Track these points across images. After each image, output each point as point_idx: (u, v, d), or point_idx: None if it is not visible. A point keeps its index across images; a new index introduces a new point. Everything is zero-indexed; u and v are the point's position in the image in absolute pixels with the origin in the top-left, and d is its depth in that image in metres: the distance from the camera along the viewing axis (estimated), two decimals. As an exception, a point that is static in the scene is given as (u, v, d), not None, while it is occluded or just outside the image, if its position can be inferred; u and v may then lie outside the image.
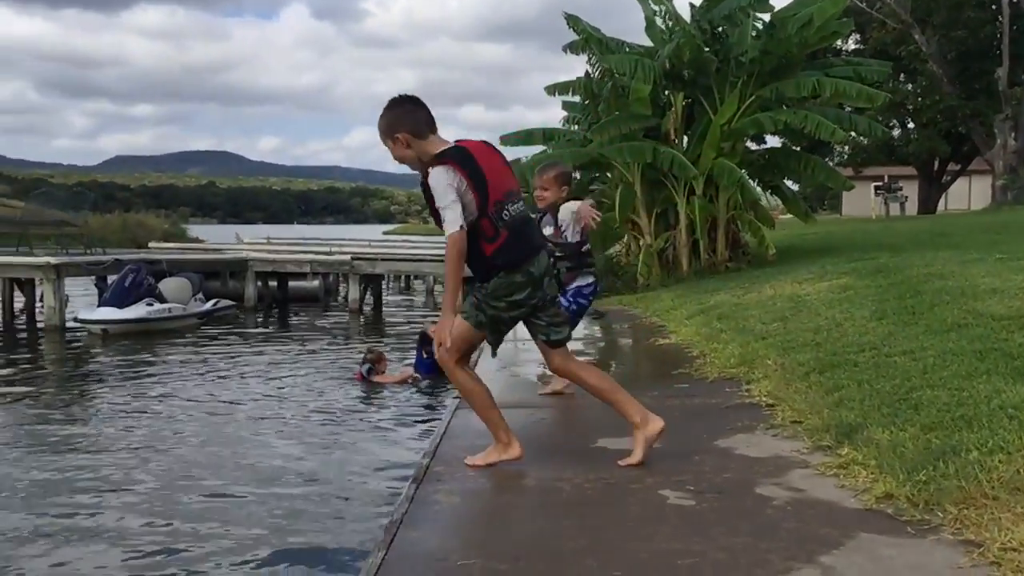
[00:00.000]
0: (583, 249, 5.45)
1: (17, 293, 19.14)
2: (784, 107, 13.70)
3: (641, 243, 14.43)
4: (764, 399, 5.30)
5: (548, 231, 5.34)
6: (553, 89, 14.96)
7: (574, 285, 5.45)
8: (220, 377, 11.30)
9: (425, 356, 11.05)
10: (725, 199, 13.98)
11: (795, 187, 17.54)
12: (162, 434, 8.04)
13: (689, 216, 13.88)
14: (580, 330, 10.24)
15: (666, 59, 13.10)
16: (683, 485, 3.79)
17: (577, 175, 15.30)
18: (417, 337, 11.70)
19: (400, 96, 3.80)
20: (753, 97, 13.82)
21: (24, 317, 18.50)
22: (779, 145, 16.18)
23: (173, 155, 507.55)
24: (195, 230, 48.97)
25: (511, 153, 14.95)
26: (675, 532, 3.25)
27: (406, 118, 3.68)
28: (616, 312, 11.34)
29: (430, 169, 3.61)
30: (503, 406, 5.59)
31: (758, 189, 14.97)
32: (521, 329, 4.17)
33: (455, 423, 5.22)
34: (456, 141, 3.75)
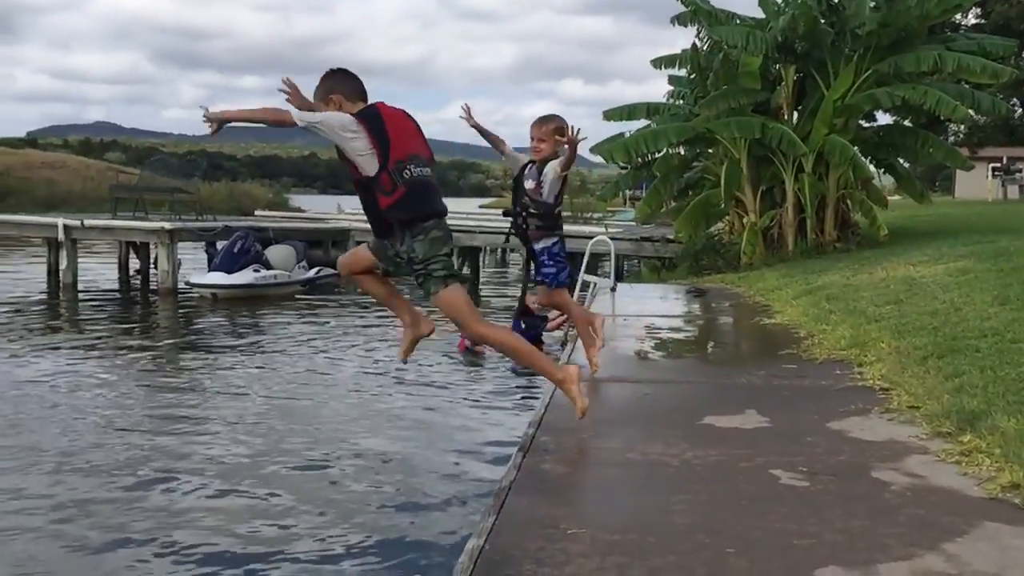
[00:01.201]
0: (556, 211, 5.39)
1: (133, 257, 20.02)
2: (902, 82, 13.14)
3: (745, 221, 14.11)
4: (878, 383, 5.15)
5: (529, 184, 5.30)
6: (659, 62, 14.71)
7: (540, 246, 5.38)
8: (320, 344, 11.57)
9: (524, 327, 11.08)
10: (835, 177, 13.54)
11: (907, 167, 16.84)
12: (261, 400, 8.25)
13: (797, 194, 13.50)
14: (680, 307, 10.16)
15: (780, 31, 12.70)
16: (795, 466, 3.71)
17: (680, 150, 15.06)
18: (516, 307, 11.73)
19: (337, 68, 4.13)
20: (869, 71, 13.30)
21: (139, 279, 19.33)
22: (890, 122, 15.55)
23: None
24: (296, 200, 50.12)
25: (614, 128, 14.78)
26: (789, 512, 3.19)
27: (343, 83, 3.98)
28: (717, 290, 11.16)
29: None
30: (601, 380, 5.59)
31: (871, 167, 14.43)
32: (620, 303, 4.14)
33: (559, 395, 5.21)
34: (376, 103, 3.98)
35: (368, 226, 4.16)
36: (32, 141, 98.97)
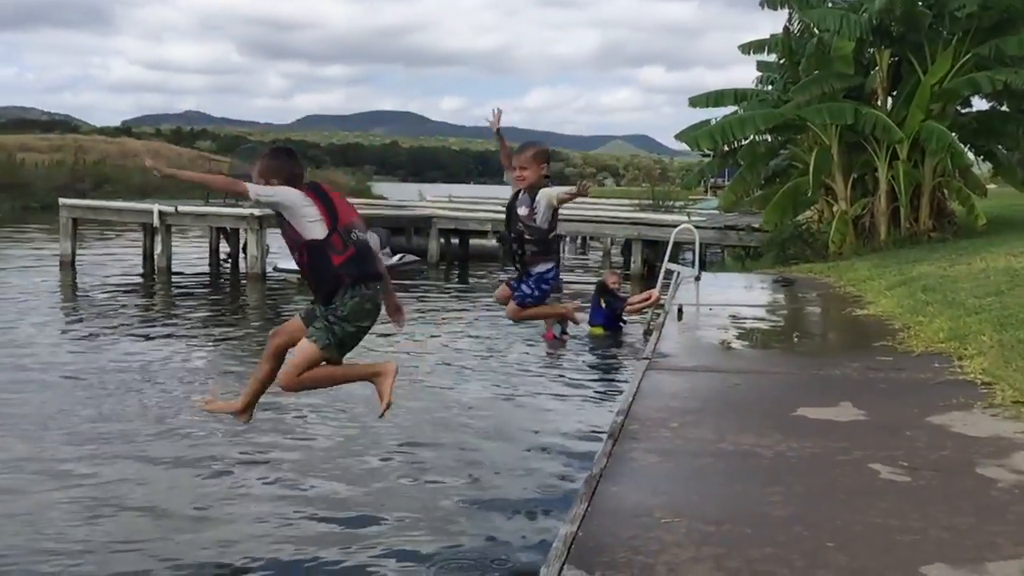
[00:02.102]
0: (551, 236, 5.32)
1: (223, 242, 20.59)
2: (1003, 66, 12.62)
3: (835, 209, 13.76)
4: (979, 376, 4.97)
5: (523, 211, 5.22)
6: (747, 48, 14.44)
7: (536, 270, 5.33)
8: (404, 329, 11.70)
9: (603, 305, 11.03)
10: (932, 165, 13.10)
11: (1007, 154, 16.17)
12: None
13: (890, 182, 13.11)
14: (767, 297, 9.96)
15: (875, 14, 12.31)
16: (895, 460, 3.61)
17: (767, 137, 14.76)
18: (595, 286, 11.68)
19: (282, 148, 4.63)
20: (969, 55, 12.81)
21: (229, 264, 19.89)
22: (988, 108, 14.95)
23: (360, 115, 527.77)
24: (378, 187, 50.76)
25: (700, 115, 14.56)
26: (891, 508, 3.10)
27: (283, 169, 4.27)
28: (805, 280, 10.91)
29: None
30: (688, 369, 5.54)
31: (969, 155, 13.91)
32: (704, 292, 4.07)
33: (645, 384, 5.18)
34: (315, 182, 4.39)
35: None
36: (127, 130, 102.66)
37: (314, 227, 4.19)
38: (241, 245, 19.25)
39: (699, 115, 14.54)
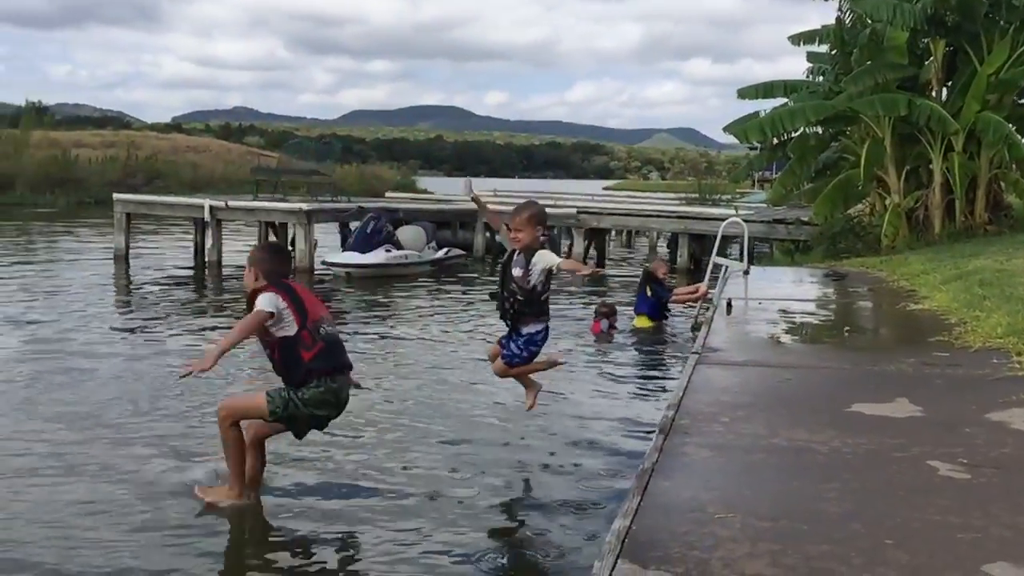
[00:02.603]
0: (543, 298, 5.28)
1: (271, 237, 20.82)
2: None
3: (888, 202, 13.52)
4: (1041, 373, 4.86)
5: (517, 272, 5.19)
6: (797, 39, 14.24)
7: (526, 331, 5.30)
8: (449, 322, 11.74)
9: (649, 294, 10.95)
10: (988, 156, 12.80)
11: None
12: (393, 378, 8.37)
13: (945, 174, 12.84)
14: (818, 291, 9.83)
15: (929, 3, 12.06)
16: (954, 457, 3.55)
17: (818, 129, 14.53)
18: (641, 275, 11.60)
19: (274, 246, 5.21)
20: (1027, 44, 12.50)
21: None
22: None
23: (405, 110, 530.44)
24: (423, 181, 50.91)
25: (748, 107, 14.37)
26: (950, 505, 3.05)
27: (263, 263, 4.67)
28: (857, 274, 10.75)
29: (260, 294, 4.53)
30: (739, 363, 5.49)
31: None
32: (753, 286, 4.03)
33: (696, 378, 5.14)
34: (285, 280, 4.71)
35: None
36: (177, 126, 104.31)
37: (286, 325, 4.50)
38: (289, 239, 19.48)
39: (747, 108, 14.37)
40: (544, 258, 5.14)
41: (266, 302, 4.44)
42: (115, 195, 19.74)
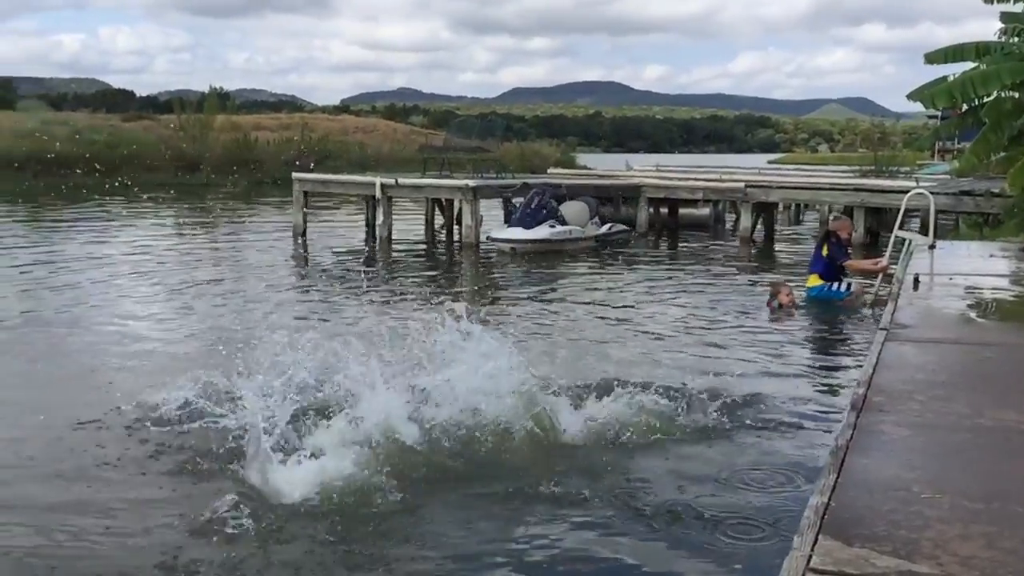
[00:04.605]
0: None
1: (437, 213, 21.38)
2: None
3: (1092, 172, 12.40)
4: None
5: None
6: (991, -4, 13.21)
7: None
8: (615, 297, 11.71)
9: (824, 253, 10.54)
10: None
11: None
12: (562, 351, 8.38)
13: None
14: (1013, 267, 9.16)
15: None
16: None
17: (1015, 94, 13.47)
18: (821, 233, 11.14)
19: None
20: None
21: (444, 234, 20.65)
22: None
23: (563, 86, 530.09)
24: (582, 158, 50.79)
25: (937, 71, 13.48)
26: None
27: None
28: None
29: None
30: (931, 340, 5.18)
31: None
32: (940, 262, 3.78)
33: (886, 355, 4.91)
34: None
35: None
36: (345, 108, 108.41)
37: None
38: (456, 215, 19.91)
39: (927, 73, 13.52)
40: None
41: None
42: (295, 175, 20.67)
